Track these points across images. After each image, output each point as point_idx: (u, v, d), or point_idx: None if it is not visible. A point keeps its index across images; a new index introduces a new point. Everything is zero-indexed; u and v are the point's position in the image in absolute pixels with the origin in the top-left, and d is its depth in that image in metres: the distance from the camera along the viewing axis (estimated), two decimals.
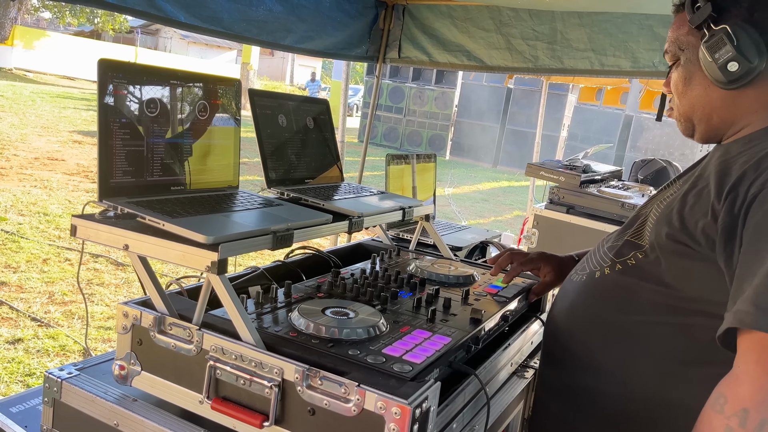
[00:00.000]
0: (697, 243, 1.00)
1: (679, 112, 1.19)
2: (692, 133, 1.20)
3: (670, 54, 1.18)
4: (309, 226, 1.28)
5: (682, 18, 1.15)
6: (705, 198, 1.02)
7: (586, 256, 1.30)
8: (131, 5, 2.45)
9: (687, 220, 1.03)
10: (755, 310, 0.83)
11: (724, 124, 1.13)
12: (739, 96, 1.09)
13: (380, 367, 0.98)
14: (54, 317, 3.80)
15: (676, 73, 1.17)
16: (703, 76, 1.11)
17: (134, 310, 1.10)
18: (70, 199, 6.52)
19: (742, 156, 1.02)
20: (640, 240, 1.14)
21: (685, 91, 1.16)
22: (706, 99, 1.13)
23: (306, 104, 1.78)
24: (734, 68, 1.04)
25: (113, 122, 1.16)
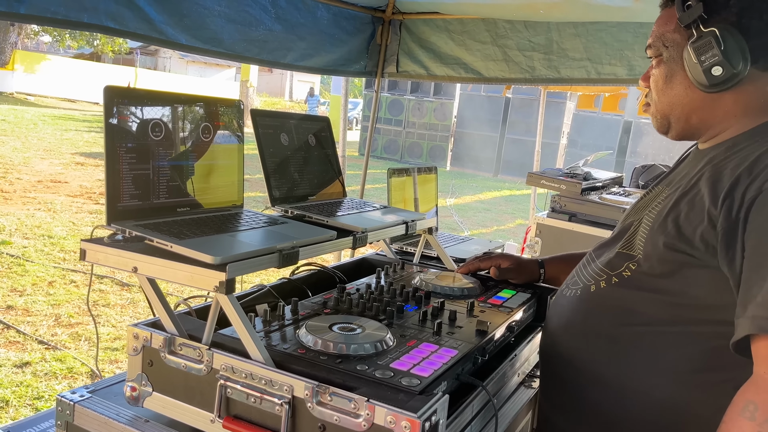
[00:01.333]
0: (696, 250, 1.01)
1: (656, 109, 1.19)
2: (667, 130, 1.19)
3: (653, 48, 1.17)
4: (314, 243, 1.30)
5: (670, 13, 1.14)
6: (699, 204, 1.02)
7: (576, 270, 1.30)
8: (133, 29, 2.49)
9: (683, 227, 1.04)
10: None
11: (702, 125, 1.14)
12: (719, 99, 1.09)
13: (389, 382, 0.99)
14: (61, 339, 3.82)
15: (658, 69, 1.16)
16: (685, 76, 1.11)
17: (144, 331, 1.12)
18: (74, 221, 6.56)
19: (731, 160, 1.03)
20: (631, 251, 1.14)
21: (665, 88, 1.15)
22: (686, 99, 1.13)
23: (307, 122, 1.81)
24: (718, 72, 1.05)
25: (120, 147, 1.18)
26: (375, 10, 3.39)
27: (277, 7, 2.98)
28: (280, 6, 2.99)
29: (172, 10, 2.57)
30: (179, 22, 2.61)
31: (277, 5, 2.98)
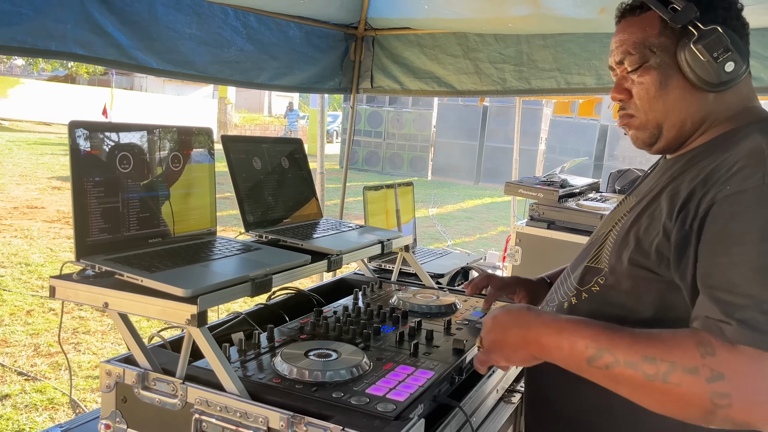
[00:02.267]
0: (653, 263, 1.02)
1: (646, 119, 1.13)
2: (655, 141, 1.14)
3: (635, 57, 1.11)
4: (287, 269, 1.30)
5: (646, 19, 1.11)
6: (657, 217, 1.03)
7: (555, 284, 1.31)
8: (103, 56, 2.48)
9: (643, 241, 1.04)
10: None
11: (692, 131, 1.12)
12: (713, 102, 1.08)
13: (364, 409, 0.99)
14: (41, 370, 3.75)
15: (647, 77, 1.10)
16: (681, 79, 1.08)
17: (117, 368, 1.11)
18: (51, 247, 6.47)
19: (688, 173, 1.04)
20: (598, 264, 1.14)
21: (659, 95, 1.10)
22: (683, 103, 1.09)
23: (279, 144, 1.81)
24: (731, 68, 1.03)
25: (87, 182, 1.18)
26: (347, 27, 3.41)
27: (249, 28, 2.99)
28: (252, 26, 3.00)
29: (141, 35, 2.56)
30: (149, 46, 2.61)
31: (248, 26, 2.98)
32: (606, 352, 0.93)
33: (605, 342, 0.94)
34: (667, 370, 0.88)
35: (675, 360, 0.88)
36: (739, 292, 0.88)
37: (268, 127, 24.16)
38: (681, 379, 0.87)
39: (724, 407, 0.85)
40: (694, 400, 0.87)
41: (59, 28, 2.30)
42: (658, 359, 0.89)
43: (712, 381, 0.85)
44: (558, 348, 0.99)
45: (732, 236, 0.91)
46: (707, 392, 0.85)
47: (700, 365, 0.86)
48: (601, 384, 0.96)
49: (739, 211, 0.92)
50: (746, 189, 0.92)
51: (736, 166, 0.96)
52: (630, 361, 0.91)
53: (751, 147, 0.98)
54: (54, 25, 2.28)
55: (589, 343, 0.95)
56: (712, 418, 0.87)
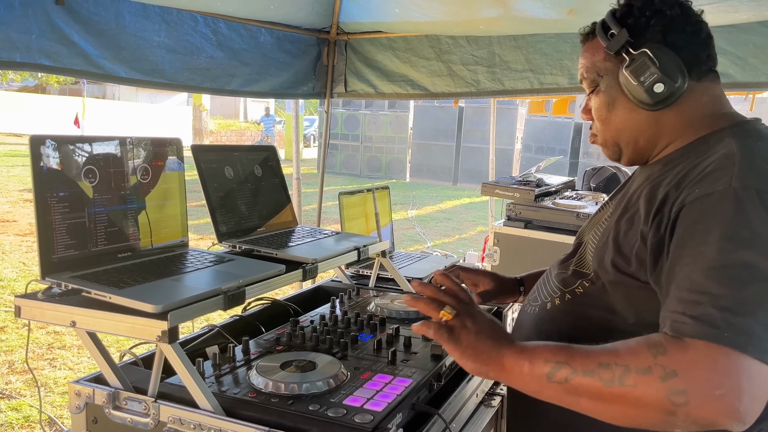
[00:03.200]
0: (633, 267, 1.03)
1: (604, 138, 1.20)
2: (619, 156, 1.20)
3: (588, 81, 1.18)
4: (261, 280, 1.28)
5: (595, 45, 1.16)
6: (636, 223, 1.04)
7: (537, 285, 1.31)
8: (69, 66, 2.43)
9: (623, 246, 1.05)
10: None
11: (650, 145, 1.16)
12: (661, 117, 1.12)
13: (341, 421, 0.98)
14: (16, 387, 3.67)
15: (597, 99, 1.17)
16: (626, 100, 1.13)
17: (86, 388, 1.08)
18: (24, 261, 6.33)
19: (665, 177, 1.05)
20: (584, 268, 1.15)
21: (609, 116, 1.16)
22: (631, 122, 1.15)
23: (252, 153, 1.79)
24: (660, 89, 1.06)
25: (50, 197, 1.15)
26: (319, 32, 3.39)
27: (219, 34, 2.96)
28: (222, 33, 2.97)
29: (108, 43, 2.52)
30: (117, 54, 2.56)
31: (218, 32, 2.95)
32: (564, 366, 0.93)
33: (563, 356, 0.94)
34: (622, 373, 0.88)
35: (628, 363, 0.88)
36: (697, 289, 0.89)
37: (244, 133, 23.97)
38: (636, 380, 0.86)
39: (683, 405, 0.84)
40: (651, 401, 0.86)
41: (23, 38, 2.25)
42: (613, 363, 0.89)
43: (665, 379, 0.85)
44: (519, 369, 0.98)
45: (695, 237, 0.92)
46: (663, 391, 0.85)
47: (653, 364, 0.86)
48: (562, 404, 0.95)
49: (704, 212, 0.93)
50: (714, 191, 0.93)
51: (707, 170, 0.98)
52: (587, 369, 0.91)
53: (724, 151, 0.99)
54: (18, 36, 2.23)
55: (548, 358, 0.95)
56: (674, 420, 0.86)
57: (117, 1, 2.52)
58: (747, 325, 0.84)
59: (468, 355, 1.01)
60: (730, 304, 0.86)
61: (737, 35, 2.48)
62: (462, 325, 1.03)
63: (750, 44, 2.51)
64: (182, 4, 2.73)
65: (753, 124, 1.09)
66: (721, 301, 0.86)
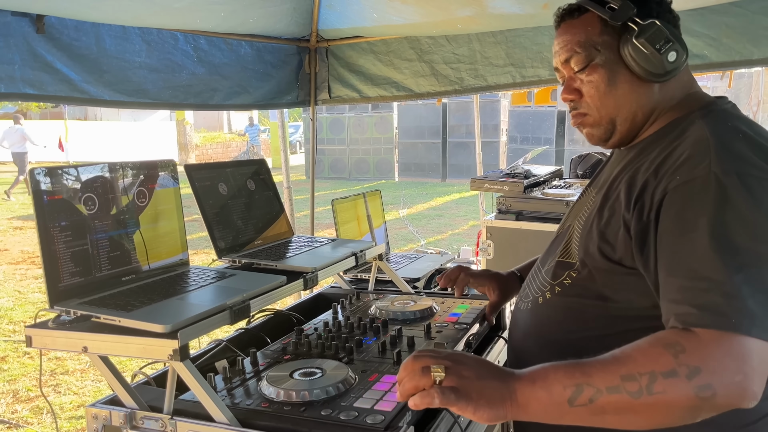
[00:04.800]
0: (618, 254, 1.06)
1: (599, 115, 1.17)
2: (610, 135, 1.18)
3: (580, 56, 1.15)
4: (264, 292, 1.31)
5: (585, 21, 1.15)
6: (617, 210, 1.07)
7: (527, 279, 1.33)
8: (53, 93, 2.45)
9: (607, 234, 1.08)
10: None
11: (644, 122, 1.16)
12: (659, 92, 1.14)
13: (353, 423, 1.01)
14: (22, 416, 3.67)
15: (595, 75, 1.15)
16: (628, 73, 1.12)
17: (103, 410, 1.10)
18: (19, 289, 6.31)
19: (642, 163, 1.08)
20: (569, 258, 1.17)
21: (609, 91, 1.14)
22: (633, 95, 1.14)
23: (243, 167, 1.82)
24: (674, 58, 1.08)
25: (53, 227, 1.17)
26: (299, 41, 3.42)
27: (199, 51, 2.98)
28: (202, 49, 2.99)
29: (91, 68, 2.54)
30: (100, 78, 2.58)
31: (198, 48, 2.98)
32: (585, 386, 0.88)
33: (579, 376, 0.89)
34: (648, 381, 0.86)
35: (651, 369, 0.86)
36: (696, 276, 0.91)
37: (229, 144, 23.90)
38: (664, 385, 0.85)
39: (710, 398, 0.85)
40: (681, 402, 0.86)
41: (6, 69, 2.27)
42: (636, 374, 0.86)
43: (691, 377, 0.85)
44: (536, 400, 0.90)
45: (685, 224, 0.95)
46: (691, 390, 0.85)
47: (677, 365, 0.86)
48: (588, 424, 0.90)
49: (690, 199, 0.96)
50: (695, 177, 0.96)
51: (683, 156, 1.01)
52: (610, 386, 0.87)
53: (696, 136, 1.03)
54: (1, 67, 2.24)
55: (566, 383, 0.89)
56: (699, 413, 0.87)
57: (97, 26, 2.54)
58: (748, 307, 0.87)
59: (481, 405, 0.91)
60: (731, 288, 0.88)
61: (710, 17, 2.53)
62: (460, 377, 0.92)
63: (723, 25, 2.56)
64: (162, 24, 2.75)
65: (719, 104, 1.12)
66: (723, 287, 0.88)
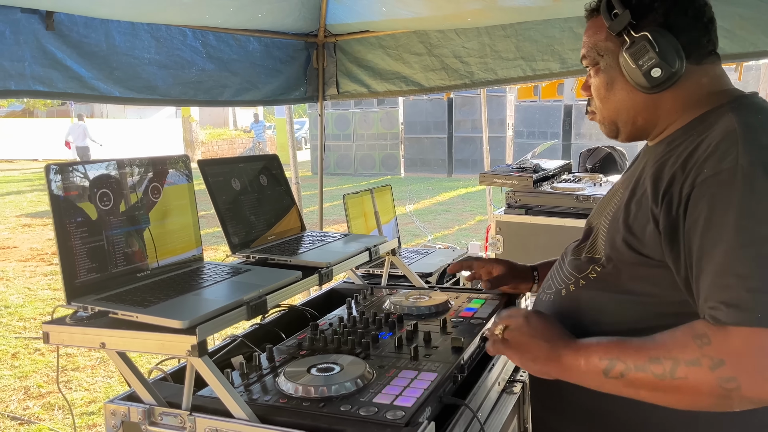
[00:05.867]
0: (647, 249, 1.05)
1: (602, 116, 1.22)
2: (617, 134, 1.22)
3: (589, 59, 1.20)
4: (280, 287, 1.30)
5: (598, 23, 1.17)
6: (645, 205, 1.06)
7: (550, 273, 1.33)
8: (63, 89, 2.45)
9: (634, 228, 1.07)
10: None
11: (649, 125, 1.18)
12: (660, 98, 1.14)
13: (373, 419, 1.00)
14: (34, 412, 3.69)
15: (597, 78, 1.19)
16: (625, 81, 1.14)
17: (121, 406, 1.10)
18: (29, 286, 6.34)
19: (669, 157, 1.07)
20: (596, 254, 1.17)
21: (608, 95, 1.18)
22: (630, 102, 1.16)
23: (256, 162, 1.81)
24: (657, 74, 1.08)
25: (69, 224, 1.16)
26: (307, 36, 3.41)
27: (208, 47, 2.97)
28: (211, 45, 2.99)
29: (101, 65, 2.54)
30: (110, 75, 2.58)
31: (207, 44, 2.97)
32: (618, 361, 0.99)
33: (615, 352, 1.00)
34: (672, 366, 0.93)
35: (676, 356, 0.93)
36: (724, 271, 0.91)
37: (235, 141, 23.94)
38: (686, 372, 0.92)
39: (735, 389, 0.88)
40: (704, 389, 0.91)
41: (16, 66, 2.27)
42: (662, 358, 0.94)
43: (715, 368, 0.89)
44: (576, 366, 1.05)
45: (713, 219, 0.94)
46: (714, 380, 0.89)
47: (700, 356, 0.91)
48: (623, 395, 1.01)
49: (717, 193, 0.95)
50: (722, 170, 0.96)
51: (710, 147, 1.00)
52: (639, 365, 0.96)
53: (725, 127, 1.01)
54: (11, 64, 2.25)
55: (602, 356, 1.01)
56: (730, 402, 0.90)
57: (106, 22, 2.53)
58: None
59: (527, 358, 1.12)
60: (756, 283, 0.89)
61: (723, 8, 2.51)
62: (517, 333, 1.14)
63: (736, 16, 2.54)
64: (171, 20, 2.75)
65: (750, 98, 1.11)
66: (748, 282, 0.89)
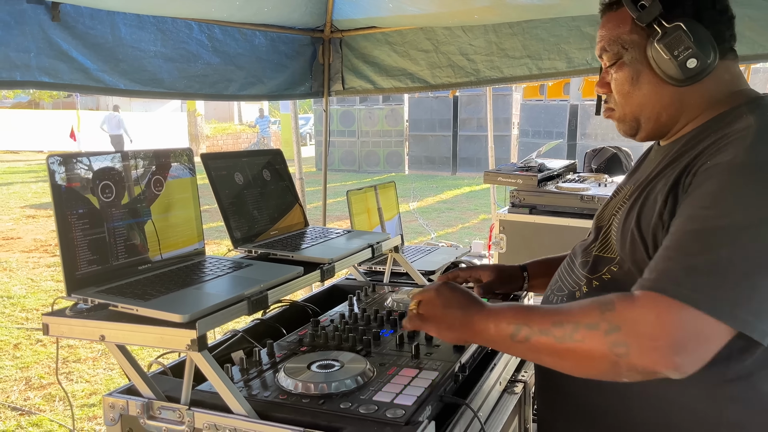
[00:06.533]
0: (652, 249, 1.04)
1: (624, 112, 1.17)
2: (636, 132, 1.19)
3: (610, 53, 1.15)
4: (282, 283, 1.30)
5: (620, 15, 1.14)
6: (653, 204, 1.05)
7: (559, 274, 1.30)
8: (69, 81, 2.45)
9: (643, 228, 1.06)
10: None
11: (671, 122, 1.15)
12: (686, 93, 1.11)
13: (373, 417, 1.00)
14: (35, 403, 3.69)
15: (621, 73, 1.15)
16: (652, 74, 1.11)
17: (120, 400, 1.09)
18: (32, 277, 6.35)
19: (682, 157, 1.05)
20: (609, 253, 1.15)
21: (632, 90, 1.14)
22: (656, 97, 1.13)
23: (259, 157, 1.80)
24: (693, 65, 1.05)
25: (70, 215, 1.16)
26: (313, 31, 3.40)
27: (214, 40, 2.97)
28: (217, 38, 2.98)
29: (107, 57, 2.53)
30: (115, 67, 2.58)
31: (213, 38, 2.96)
32: (524, 326, 1.00)
33: (523, 317, 1.01)
34: (572, 329, 0.95)
35: (578, 320, 0.95)
36: (673, 246, 0.93)
37: (239, 136, 23.94)
38: (584, 335, 0.93)
39: (624, 356, 0.89)
40: (596, 354, 0.92)
41: (22, 57, 2.27)
42: (565, 322, 0.96)
43: (609, 333, 0.91)
44: (486, 330, 1.05)
45: (690, 204, 0.96)
46: (606, 344, 0.91)
47: (600, 320, 0.92)
48: (527, 358, 1.07)
49: (704, 181, 0.96)
50: (720, 162, 0.96)
51: (721, 144, 0.99)
52: (542, 328, 0.98)
53: (740, 126, 1.00)
54: (17, 55, 2.24)
55: (511, 320, 1.02)
56: (619, 370, 0.92)
57: (112, 14, 2.53)
58: (705, 283, 0.88)
59: (443, 327, 1.11)
60: (696, 262, 0.90)
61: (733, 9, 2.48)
62: (429, 306, 1.13)
63: (745, 17, 2.51)
64: (177, 12, 2.74)
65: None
66: (688, 260, 0.90)
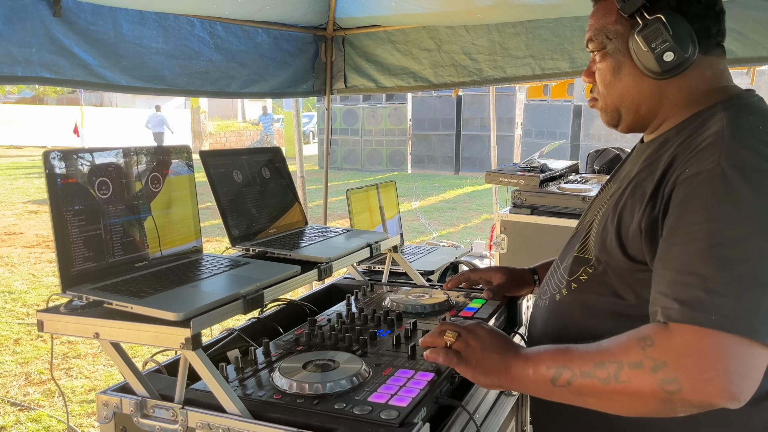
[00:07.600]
0: (632, 250, 1.03)
1: (605, 102, 1.17)
2: (617, 123, 1.18)
3: (595, 42, 1.15)
4: (278, 282, 1.29)
5: (608, 5, 1.13)
6: (633, 205, 1.04)
7: (547, 276, 1.30)
8: (70, 77, 2.44)
9: (621, 229, 1.05)
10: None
11: (651, 114, 1.14)
12: (666, 87, 1.10)
13: (367, 418, 0.99)
14: (34, 399, 3.70)
15: (604, 63, 1.15)
16: (633, 66, 1.10)
17: (114, 398, 1.09)
18: (33, 273, 6.36)
19: (660, 158, 1.05)
20: (586, 254, 1.14)
21: (613, 80, 1.14)
22: (636, 89, 1.12)
23: (258, 155, 1.79)
24: (670, 58, 1.05)
25: (66, 211, 1.15)
26: (316, 29, 3.39)
27: (216, 37, 2.96)
28: (219, 35, 2.97)
29: (108, 53, 2.53)
30: (117, 63, 2.57)
31: (215, 35, 2.96)
32: (564, 369, 0.97)
33: (561, 360, 0.98)
34: (616, 370, 0.92)
35: (620, 359, 0.92)
36: (685, 270, 0.90)
37: (243, 133, 23.94)
38: (629, 375, 0.90)
39: (676, 392, 0.87)
40: (647, 392, 0.89)
41: (24, 52, 2.26)
42: (607, 362, 0.93)
43: (656, 370, 0.88)
44: (525, 376, 1.02)
45: (685, 217, 0.93)
46: (656, 382, 0.88)
47: (643, 358, 0.89)
48: (571, 402, 1.00)
49: (693, 192, 0.94)
50: (702, 171, 0.94)
51: (698, 148, 0.98)
52: (584, 371, 0.95)
53: (715, 128, 1.00)
54: (18, 50, 2.24)
55: (550, 364, 0.99)
56: (673, 406, 0.89)
57: (114, 10, 2.52)
58: (734, 305, 0.86)
59: (479, 372, 1.07)
60: (717, 285, 0.87)
61: (737, 11, 2.47)
62: (466, 345, 1.09)
63: (750, 19, 2.50)
64: (179, 9, 2.73)
65: (745, 97, 1.08)
66: (708, 283, 0.87)
